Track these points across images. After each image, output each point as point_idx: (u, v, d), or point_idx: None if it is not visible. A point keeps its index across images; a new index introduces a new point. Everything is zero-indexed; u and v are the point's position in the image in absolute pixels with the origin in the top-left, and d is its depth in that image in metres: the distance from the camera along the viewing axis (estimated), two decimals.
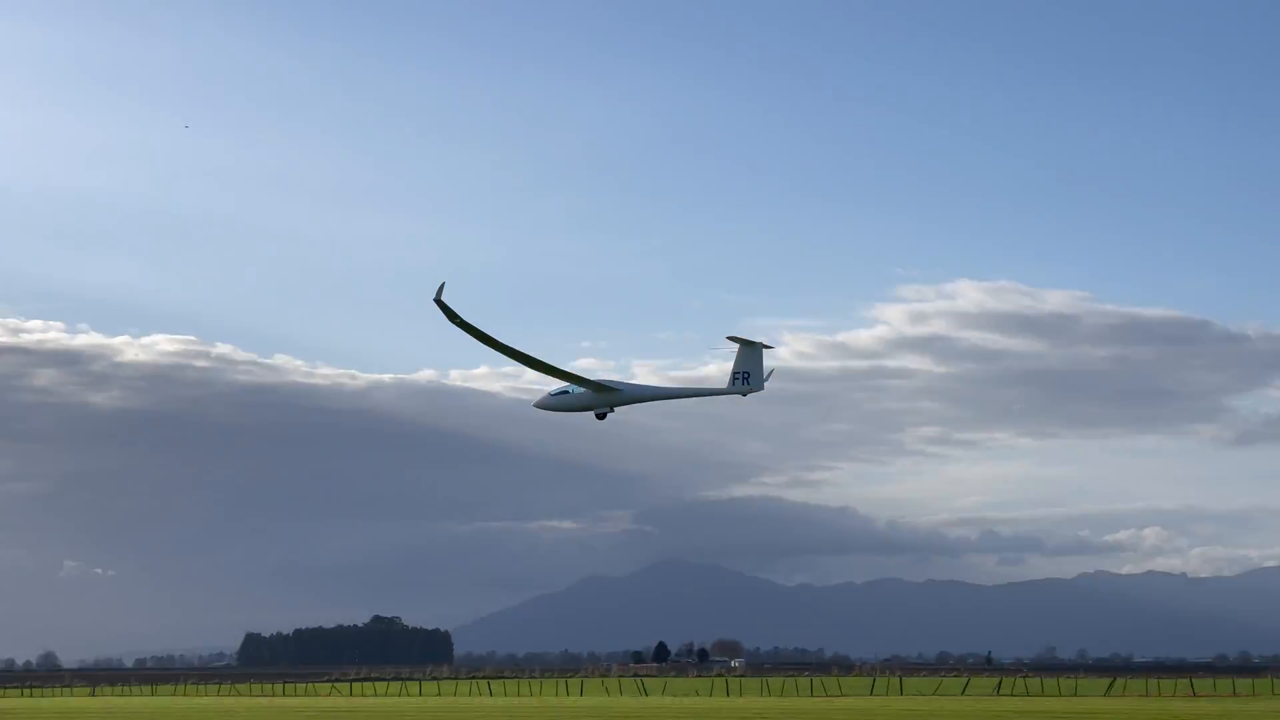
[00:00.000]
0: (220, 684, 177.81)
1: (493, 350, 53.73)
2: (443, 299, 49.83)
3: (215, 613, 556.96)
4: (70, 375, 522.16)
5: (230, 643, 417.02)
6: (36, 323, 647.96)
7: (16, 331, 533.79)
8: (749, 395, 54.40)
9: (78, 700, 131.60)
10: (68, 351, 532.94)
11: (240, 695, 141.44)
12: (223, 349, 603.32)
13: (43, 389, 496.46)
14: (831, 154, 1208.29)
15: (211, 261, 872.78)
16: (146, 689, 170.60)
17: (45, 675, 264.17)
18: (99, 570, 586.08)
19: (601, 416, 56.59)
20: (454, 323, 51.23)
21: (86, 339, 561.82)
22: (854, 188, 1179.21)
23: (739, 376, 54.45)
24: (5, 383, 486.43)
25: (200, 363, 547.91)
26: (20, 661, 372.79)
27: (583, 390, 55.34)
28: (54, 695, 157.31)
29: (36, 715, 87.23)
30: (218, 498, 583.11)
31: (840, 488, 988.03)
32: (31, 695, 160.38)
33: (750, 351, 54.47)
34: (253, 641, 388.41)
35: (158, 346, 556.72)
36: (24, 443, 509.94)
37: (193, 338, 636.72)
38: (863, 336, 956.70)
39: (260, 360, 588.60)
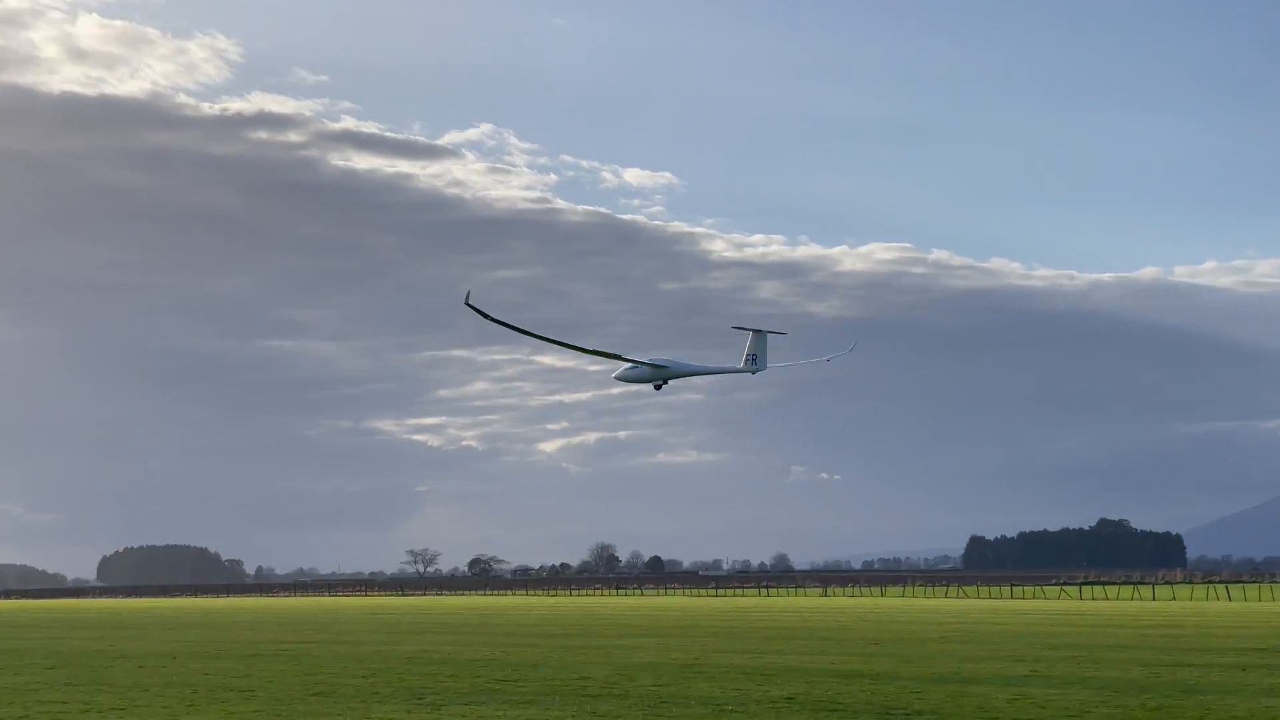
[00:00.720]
0: (947, 586, 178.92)
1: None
2: (472, 303, 56.96)
3: (938, 516, 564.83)
4: (791, 286, 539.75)
5: (954, 546, 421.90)
6: (759, 236, 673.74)
7: (741, 246, 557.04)
8: (756, 374, 65.95)
9: (811, 600, 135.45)
10: (789, 263, 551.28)
11: (968, 597, 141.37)
12: (938, 255, 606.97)
13: (767, 300, 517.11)
14: None
15: (925, 168, 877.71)
16: (875, 590, 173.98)
17: (779, 576, 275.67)
18: (824, 475, 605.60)
19: (658, 387, 67.18)
20: (491, 321, 58.98)
21: (806, 250, 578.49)
22: None
23: (750, 358, 65.08)
24: (732, 295, 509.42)
25: (916, 269, 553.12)
26: (755, 563, 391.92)
27: (645, 367, 66.29)
28: (788, 595, 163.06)
29: (771, 613, 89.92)
30: (937, 402, 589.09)
31: None
32: (768, 594, 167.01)
33: (759, 338, 65.06)
34: (977, 544, 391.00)
35: (874, 255, 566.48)
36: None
37: (908, 245, 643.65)
38: None
39: (975, 264, 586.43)
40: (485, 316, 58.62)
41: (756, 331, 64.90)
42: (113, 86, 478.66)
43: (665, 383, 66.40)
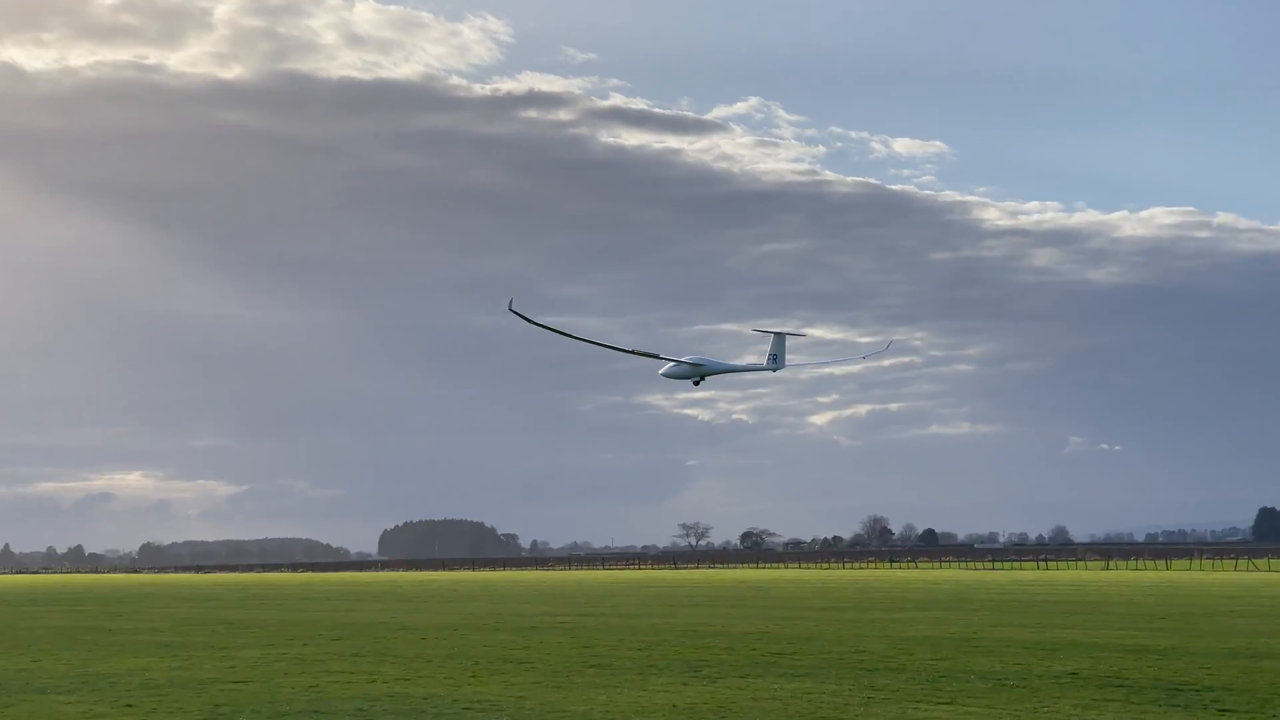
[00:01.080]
0: (1236, 558, 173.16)
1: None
2: (514, 309, 61.29)
3: (1226, 487, 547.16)
4: (1068, 253, 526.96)
5: (1243, 518, 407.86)
6: (1034, 204, 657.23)
7: (1015, 214, 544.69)
8: (777, 371, 73.04)
9: (1092, 573, 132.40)
10: (1065, 230, 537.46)
11: (1259, 570, 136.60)
12: (1223, 218, 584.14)
13: (1042, 269, 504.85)
14: None
15: (1208, 127, 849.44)
16: (1159, 563, 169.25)
17: (1057, 548, 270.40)
18: (1104, 446, 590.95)
19: (696, 383, 72.61)
20: (534, 324, 63.94)
21: (1083, 216, 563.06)
22: None
23: (771, 357, 71.63)
24: (1005, 264, 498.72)
25: (1200, 233, 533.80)
26: (1033, 536, 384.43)
27: (685, 365, 71.63)
28: (1068, 568, 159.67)
29: (1051, 586, 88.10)
30: (1223, 370, 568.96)
31: None
32: (1046, 567, 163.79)
33: (779, 339, 71.72)
34: (1267, 516, 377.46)
35: (1155, 220, 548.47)
36: (1025, 322, 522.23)
37: (1191, 208, 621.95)
38: None
39: (1264, 227, 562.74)
40: (529, 321, 63.84)
41: (776, 334, 72.76)
42: (388, 70, 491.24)
43: (702, 379, 73.05)
